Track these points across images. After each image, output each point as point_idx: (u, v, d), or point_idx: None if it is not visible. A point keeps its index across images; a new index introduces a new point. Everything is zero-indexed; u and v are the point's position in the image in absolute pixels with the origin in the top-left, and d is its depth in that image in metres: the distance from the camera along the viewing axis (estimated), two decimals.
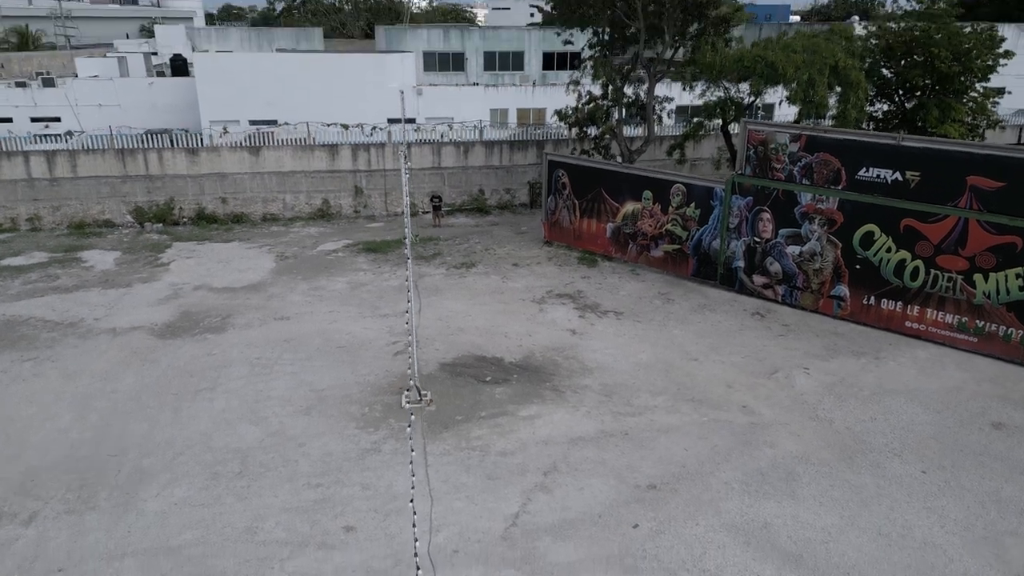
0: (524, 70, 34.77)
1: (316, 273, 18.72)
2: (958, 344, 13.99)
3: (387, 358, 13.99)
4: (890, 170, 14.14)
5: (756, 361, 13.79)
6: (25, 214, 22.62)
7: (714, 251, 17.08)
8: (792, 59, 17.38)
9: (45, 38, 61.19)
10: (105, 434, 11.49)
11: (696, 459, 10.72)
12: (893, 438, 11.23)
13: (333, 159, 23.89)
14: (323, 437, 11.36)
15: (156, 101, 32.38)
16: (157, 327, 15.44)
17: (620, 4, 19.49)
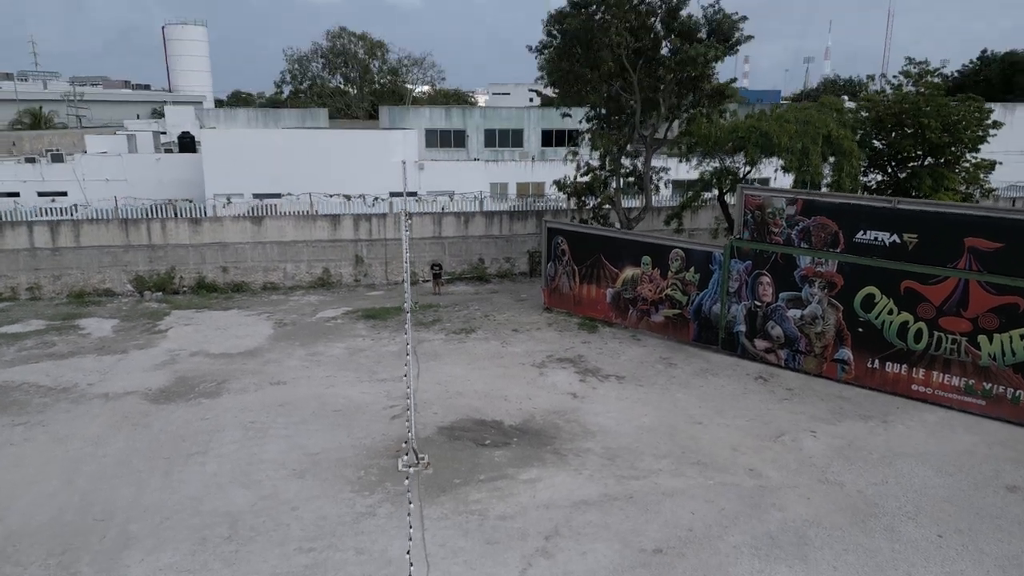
0: (524, 147, 35.56)
1: (314, 339, 18.60)
2: (966, 407, 13.74)
3: (384, 421, 13.72)
4: (888, 232, 14.22)
5: (761, 424, 13.51)
6: (25, 283, 22.65)
7: (715, 316, 17.01)
8: (786, 128, 17.77)
9: (57, 119, 62.93)
10: (92, 499, 11.13)
11: (703, 523, 10.34)
12: (906, 501, 10.87)
13: (335, 229, 24.11)
14: (317, 500, 11.00)
15: (163, 176, 33.01)
16: (151, 392, 15.21)
17: (617, 81, 20.09)
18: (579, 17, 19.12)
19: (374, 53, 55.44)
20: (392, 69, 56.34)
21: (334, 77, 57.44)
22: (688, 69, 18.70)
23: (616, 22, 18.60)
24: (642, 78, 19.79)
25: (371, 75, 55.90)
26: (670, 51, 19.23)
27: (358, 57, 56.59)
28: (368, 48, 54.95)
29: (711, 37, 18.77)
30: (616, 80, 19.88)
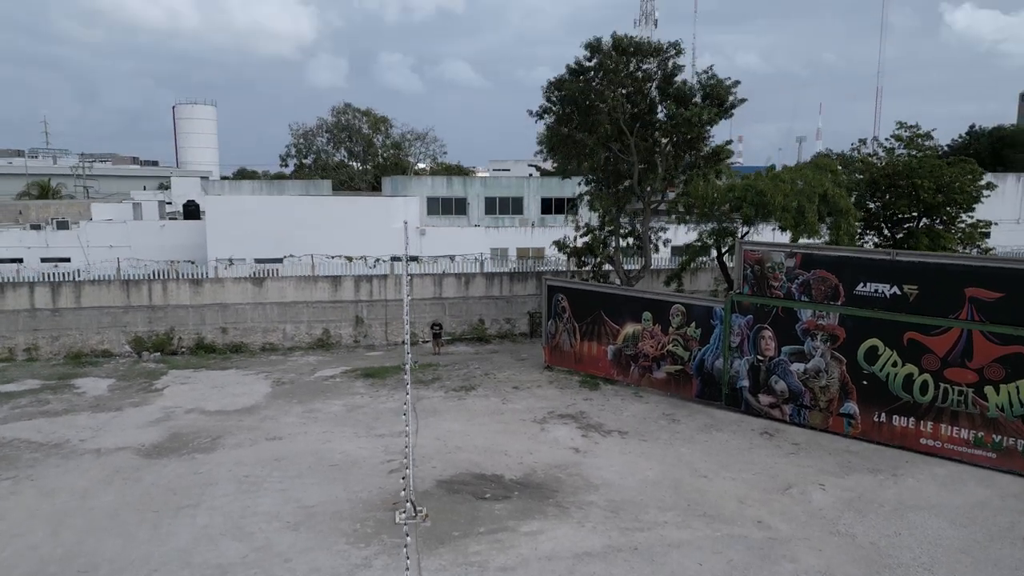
0: (523, 214, 36.00)
1: (312, 397, 18.36)
2: (977, 460, 13.44)
3: (381, 476, 13.39)
4: (887, 284, 14.24)
5: (768, 478, 13.19)
6: (23, 344, 22.54)
7: (717, 371, 16.85)
8: (780, 188, 18.03)
9: (65, 191, 63.95)
10: (77, 551, 10.75)
11: (711, 574, 9.96)
12: (921, 552, 10.50)
13: (336, 290, 24.16)
14: (311, 552, 10.63)
15: (166, 243, 33.29)
16: (144, 448, 14.91)
17: (615, 144, 20.52)
18: (577, 83, 19.68)
19: (378, 128, 56.75)
20: (395, 143, 57.54)
21: (338, 151, 58.62)
22: (684, 131, 19.12)
23: (613, 88, 19.14)
24: (638, 142, 20.22)
25: (375, 149, 57.06)
26: (666, 116, 19.71)
27: (362, 132, 57.88)
28: (372, 123, 56.28)
29: (705, 101, 19.27)
30: (614, 143, 20.31)
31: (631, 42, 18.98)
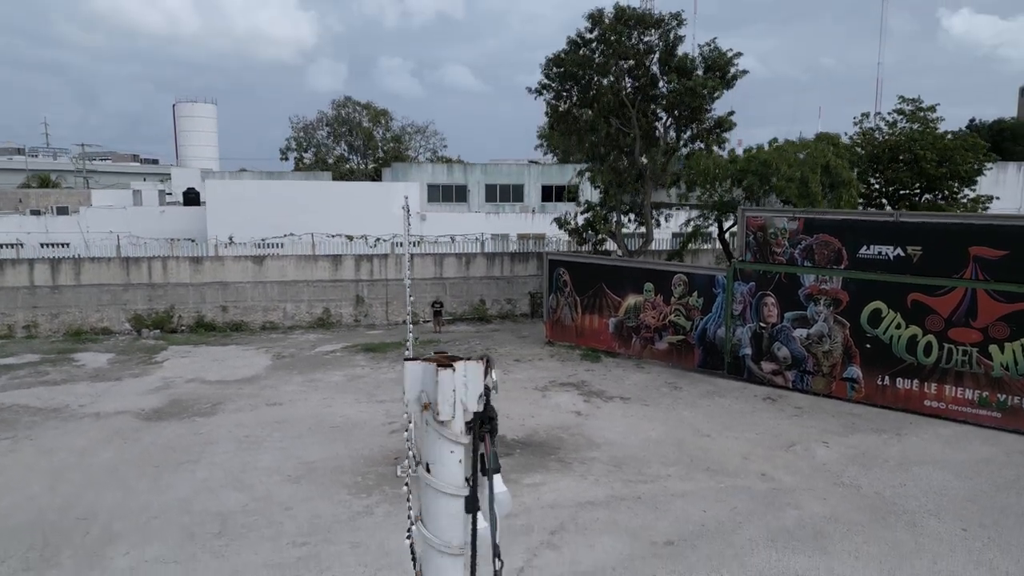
0: (524, 201, 36.02)
1: (312, 368, 18.30)
2: (981, 421, 13.37)
3: (382, 436, 13.32)
4: (891, 246, 14.17)
5: (771, 437, 13.11)
6: (23, 321, 22.46)
7: (720, 340, 16.78)
8: (785, 158, 17.99)
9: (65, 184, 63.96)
10: (76, 501, 10.66)
11: (715, 519, 9.88)
12: (927, 501, 10.42)
13: (336, 269, 24.09)
14: (312, 502, 10.55)
15: (166, 228, 33.26)
16: (144, 412, 14.84)
17: (615, 119, 20.49)
18: (578, 55, 19.65)
19: (378, 121, 56.72)
20: (395, 136, 57.51)
21: (339, 145, 58.60)
22: (687, 100, 19.07)
23: (615, 60, 19.10)
24: (639, 116, 20.18)
25: (375, 142, 57.01)
26: (668, 88, 19.68)
27: (362, 126, 57.86)
28: (372, 116, 56.27)
29: (707, 73, 19.23)
30: (614, 118, 20.27)
31: (633, 13, 18.95)
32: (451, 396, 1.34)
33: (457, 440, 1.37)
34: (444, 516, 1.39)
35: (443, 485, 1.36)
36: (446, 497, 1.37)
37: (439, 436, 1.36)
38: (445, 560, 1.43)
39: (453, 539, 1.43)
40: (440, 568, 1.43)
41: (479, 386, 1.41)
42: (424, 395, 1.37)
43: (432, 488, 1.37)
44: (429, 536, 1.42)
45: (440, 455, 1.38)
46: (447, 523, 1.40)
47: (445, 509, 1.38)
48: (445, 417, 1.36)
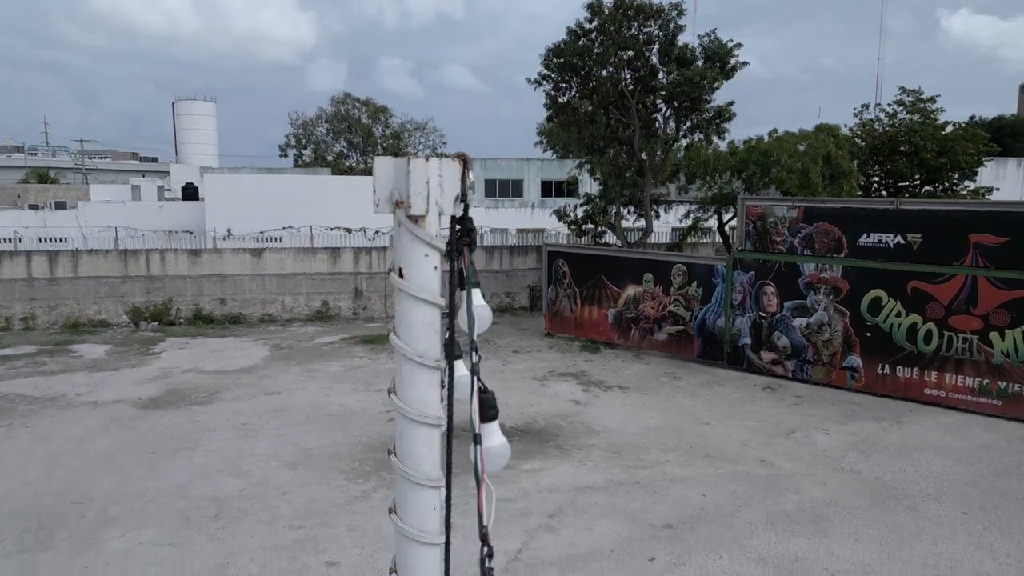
0: (523, 196, 35.95)
1: (311, 359, 18.24)
2: (982, 408, 13.31)
3: (380, 424, 13.26)
4: (891, 234, 14.12)
5: (771, 425, 13.06)
6: (20, 313, 22.38)
7: (719, 330, 16.72)
8: (785, 148, 17.92)
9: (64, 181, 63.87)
10: (72, 487, 10.60)
11: (714, 503, 9.83)
12: (927, 486, 10.37)
13: (335, 262, 24.02)
14: (309, 487, 10.49)
15: (165, 223, 33.17)
16: (141, 400, 14.78)
17: (615, 111, 20.43)
18: (577, 46, 19.58)
19: (377, 118, 56.70)
20: (395, 133, 57.46)
21: (338, 142, 58.55)
22: (686, 90, 19.00)
23: (614, 50, 19.03)
24: (639, 108, 20.12)
25: (374, 139, 56.95)
26: (667, 79, 19.61)
27: (361, 123, 57.82)
28: (371, 113, 56.25)
29: (707, 63, 19.17)
30: (614, 109, 20.20)
31: (632, 3, 18.88)
32: (424, 188, 1.26)
33: (432, 243, 1.30)
34: (419, 325, 1.32)
35: (416, 290, 1.29)
36: (422, 305, 1.30)
37: (413, 237, 1.28)
38: (420, 371, 1.35)
39: (428, 351, 1.36)
40: (415, 378, 1.35)
41: (455, 187, 1.33)
42: (396, 192, 1.29)
43: (407, 295, 1.29)
44: (400, 344, 1.35)
45: (414, 259, 1.29)
46: (423, 333, 1.33)
47: (421, 318, 1.31)
48: (418, 211, 1.27)
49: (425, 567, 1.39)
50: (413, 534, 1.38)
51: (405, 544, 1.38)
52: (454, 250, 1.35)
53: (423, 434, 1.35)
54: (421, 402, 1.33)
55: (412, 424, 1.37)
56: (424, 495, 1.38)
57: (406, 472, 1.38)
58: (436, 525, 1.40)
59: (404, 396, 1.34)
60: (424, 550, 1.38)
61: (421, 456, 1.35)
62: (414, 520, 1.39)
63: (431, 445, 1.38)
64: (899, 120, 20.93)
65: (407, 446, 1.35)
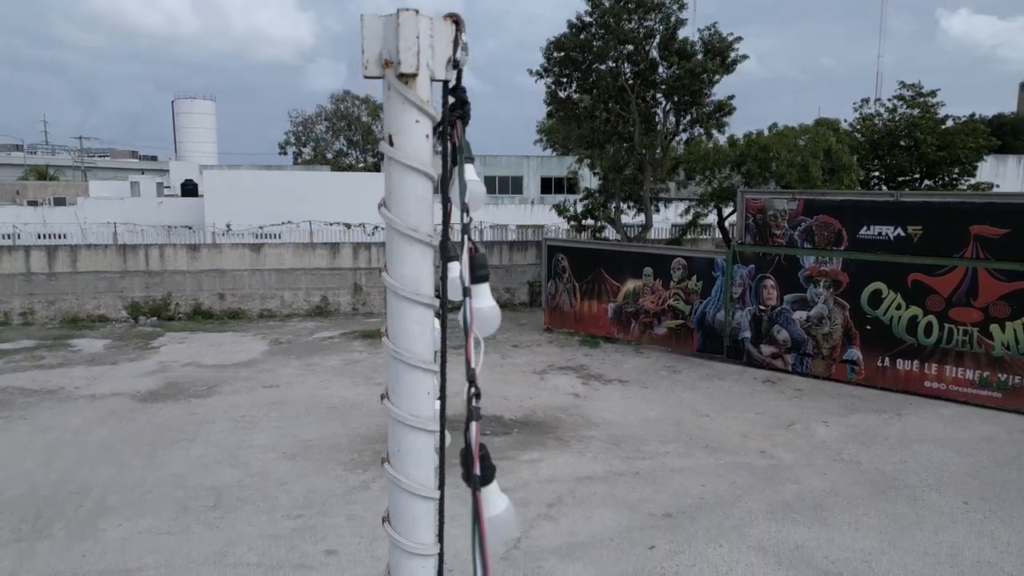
0: (523, 193, 35.91)
1: (310, 354, 18.22)
2: (982, 401, 13.29)
3: (379, 416, 13.21)
4: (891, 226, 14.09)
5: (771, 417, 13.04)
6: (19, 308, 22.35)
7: (719, 324, 16.69)
8: (785, 142, 17.89)
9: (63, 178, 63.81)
10: (70, 477, 10.57)
11: (714, 493, 9.80)
12: (927, 476, 10.34)
13: (334, 257, 23.99)
14: (308, 477, 10.46)
15: (164, 219, 33.13)
16: (139, 393, 14.76)
17: (614, 105, 20.39)
18: (577, 39, 19.54)
19: (377, 115, 56.60)
20: None
21: (337, 139, 58.51)
22: (686, 83, 18.96)
23: (614, 44, 18.99)
24: (638, 102, 20.08)
25: (374, 136, 56.89)
26: (667, 73, 19.58)
27: (361, 120, 57.77)
28: (371, 110, 56.17)
29: (707, 56, 19.13)
30: (614, 103, 20.17)
31: None
32: (415, 43, 1.18)
33: (423, 107, 1.23)
34: (411, 198, 1.27)
35: (407, 158, 1.23)
36: (413, 175, 1.25)
37: (403, 100, 1.21)
38: (412, 247, 1.30)
39: (421, 225, 1.32)
40: (405, 254, 1.30)
41: (447, 49, 1.27)
42: (385, 51, 1.22)
43: (397, 162, 1.24)
44: (391, 217, 1.31)
45: (404, 125, 1.23)
46: (414, 206, 1.29)
47: (413, 190, 1.26)
48: (408, 68, 1.20)
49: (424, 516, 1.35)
50: (406, 419, 1.35)
51: (397, 427, 1.34)
52: (446, 119, 1.29)
53: (415, 313, 1.30)
54: (413, 280, 1.28)
55: (404, 302, 1.32)
56: (417, 378, 1.34)
57: (398, 353, 1.33)
58: (430, 411, 1.36)
59: (396, 273, 1.28)
60: (419, 435, 1.35)
61: (413, 337, 1.31)
62: (407, 403, 1.35)
63: (423, 326, 1.33)
64: (899, 115, 20.90)
65: (398, 326, 1.31)
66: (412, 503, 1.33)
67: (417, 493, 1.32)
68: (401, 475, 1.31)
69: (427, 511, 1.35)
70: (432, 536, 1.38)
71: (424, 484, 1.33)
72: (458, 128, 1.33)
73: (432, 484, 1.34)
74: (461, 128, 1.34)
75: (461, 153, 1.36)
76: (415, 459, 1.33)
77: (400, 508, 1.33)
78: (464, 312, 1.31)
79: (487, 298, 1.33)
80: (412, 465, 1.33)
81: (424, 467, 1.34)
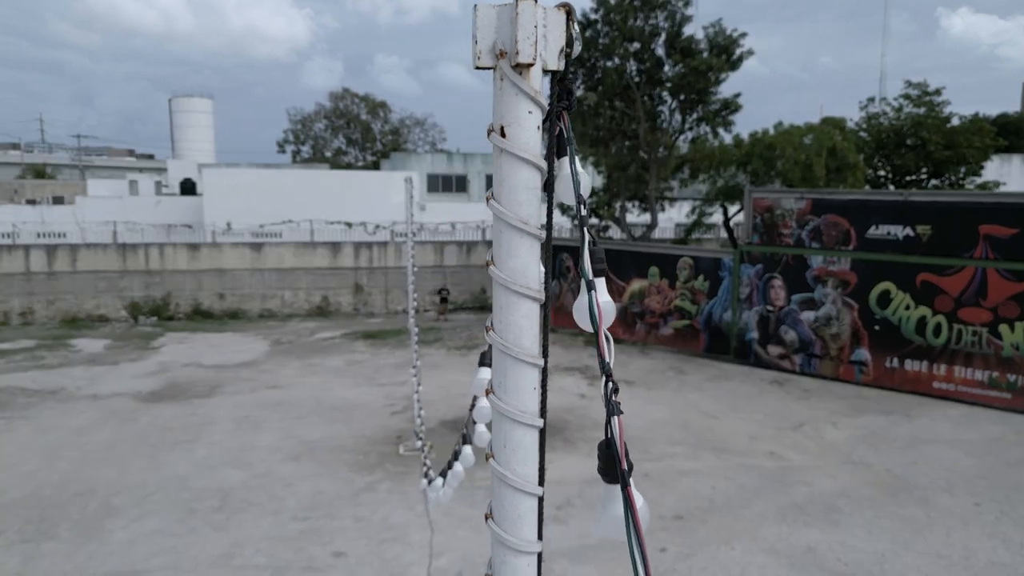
0: None
1: (311, 354, 18.11)
2: (991, 402, 13.20)
3: (383, 417, 13.15)
4: (900, 226, 14.01)
5: (779, 418, 12.95)
6: (18, 308, 22.23)
7: (726, 324, 16.60)
8: (790, 141, 17.80)
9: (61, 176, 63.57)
10: (73, 478, 10.47)
11: (724, 495, 9.70)
12: (938, 478, 10.25)
13: (335, 256, 23.88)
14: (314, 479, 10.36)
15: (163, 218, 32.95)
16: (141, 394, 14.66)
17: (619, 102, 20.29)
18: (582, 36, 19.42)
19: (376, 113, 56.49)
20: (394, 128, 57.27)
21: (336, 138, 58.36)
22: (691, 80, 18.85)
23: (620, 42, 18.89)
24: (644, 100, 19.99)
25: (372, 135, 56.77)
26: (673, 71, 19.47)
27: (360, 118, 57.63)
28: (370, 108, 56.04)
29: (712, 53, 19.03)
30: (619, 100, 20.07)
31: None
32: (532, 33, 1.13)
33: (536, 98, 1.17)
34: (522, 189, 1.20)
35: (519, 150, 1.16)
36: (524, 166, 1.18)
37: (517, 91, 1.15)
38: (522, 240, 1.24)
39: (530, 217, 1.24)
40: (515, 247, 1.25)
41: (560, 38, 1.21)
42: (499, 42, 1.16)
43: (509, 154, 1.16)
44: (501, 209, 1.23)
45: (518, 115, 1.17)
46: (524, 197, 1.22)
47: (524, 181, 1.19)
48: (525, 59, 1.14)
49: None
50: (515, 414, 1.28)
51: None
52: (554, 109, 1.23)
53: (523, 307, 1.23)
54: (523, 273, 1.21)
55: (513, 296, 1.25)
56: (524, 372, 1.27)
57: (507, 348, 1.26)
58: (535, 407, 1.30)
59: (504, 267, 1.22)
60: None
61: (522, 331, 1.24)
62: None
63: (531, 320, 1.26)
64: (905, 114, 20.82)
65: (506, 320, 1.23)
66: (518, 500, 1.27)
67: (523, 489, 1.26)
68: (507, 471, 1.25)
69: (531, 507, 1.29)
70: (535, 533, 1.32)
71: (530, 480, 1.27)
72: (565, 119, 1.26)
73: (535, 480, 1.28)
74: (567, 117, 1.27)
75: (572, 144, 1.28)
76: (522, 455, 1.28)
77: (505, 505, 1.27)
78: (591, 305, 1.23)
79: (604, 292, 1.26)
80: (519, 461, 1.27)
81: (530, 463, 1.28)
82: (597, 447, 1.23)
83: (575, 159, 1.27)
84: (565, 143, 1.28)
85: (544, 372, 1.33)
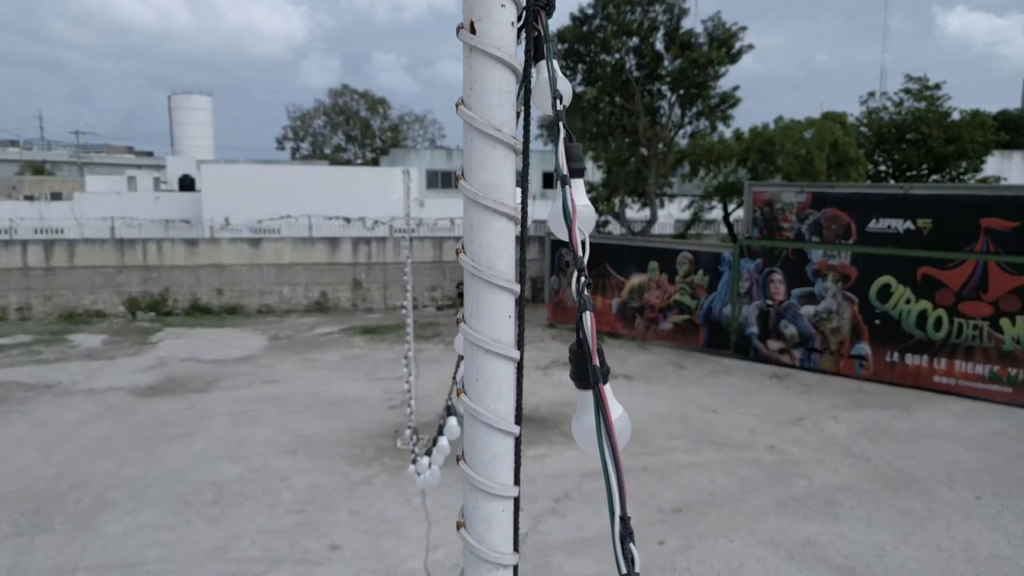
0: None
1: (309, 349, 18.04)
2: (992, 396, 13.14)
3: (381, 411, 13.08)
4: (901, 219, 13.93)
5: (779, 412, 12.89)
6: (16, 303, 22.14)
7: (725, 319, 16.53)
8: (790, 136, 17.72)
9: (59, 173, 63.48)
10: (69, 471, 10.40)
11: (723, 488, 9.65)
12: (938, 471, 10.19)
13: (333, 252, 23.80)
14: (310, 473, 10.30)
15: (161, 214, 32.89)
16: (138, 388, 14.58)
17: (618, 97, 20.20)
18: (580, 31, 19.36)
19: (375, 110, 56.34)
20: (393, 125, 57.13)
21: (336, 134, 58.21)
22: (691, 75, 18.77)
23: (618, 36, 18.81)
24: (643, 94, 19.90)
25: (372, 131, 56.64)
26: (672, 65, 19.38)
27: (360, 115, 57.49)
28: (370, 105, 55.90)
29: (711, 46, 18.94)
30: (618, 95, 19.99)
31: None
32: None
33: None
34: (494, 92, 1.10)
35: (490, 46, 1.06)
36: (497, 65, 1.08)
37: None
38: (495, 149, 1.13)
39: (504, 125, 1.15)
40: (487, 158, 1.13)
41: None
42: None
43: (479, 51, 1.07)
44: (471, 115, 1.14)
45: (489, 8, 1.06)
46: (496, 100, 1.12)
47: (497, 84, 1.10)
48: None
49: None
50: (487, 343, 1.18)
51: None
52: (531, 5, 1.12)
53: (496, 225, 1.13)
54: (495, 187, 1.11)
55: (484, 212, 1.15)
56: (498, 298, 1.17)
57: (479, 270, 1.16)
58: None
59: (474, 180, 1.12)
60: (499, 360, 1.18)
61: (495, 252, 1.14)
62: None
63: (506, 240, 1.16)
64: (906, 108, 20.72)
65: (478, 240, 1.13)
66: (492, 438, 1.16)
67: (498, 427, 1.14)
68: (480, 406, 1.14)
69: (507, 448, 1.17)
70: (511, 476, 1.21)
71: (504, 417, 1.15)
72: (542, 19, 1.16)
73: (511, 418, 1.16)
74: (544, 18, 1.17)
75: (549, 42, 1.18)
76: (495, 389, 1.15)
77: (478, 444, 1.16)
78: (564, 201, 1.12)
79: (583, 196, 1.15)
80: (492, 395, 1.15)
81: (505, 398, 1.16)
82: (568, 350, 1.13)
83: (552, 60, 1.17)
84: (543, 46, 1.18)
85: (519, 366, 1.20)
